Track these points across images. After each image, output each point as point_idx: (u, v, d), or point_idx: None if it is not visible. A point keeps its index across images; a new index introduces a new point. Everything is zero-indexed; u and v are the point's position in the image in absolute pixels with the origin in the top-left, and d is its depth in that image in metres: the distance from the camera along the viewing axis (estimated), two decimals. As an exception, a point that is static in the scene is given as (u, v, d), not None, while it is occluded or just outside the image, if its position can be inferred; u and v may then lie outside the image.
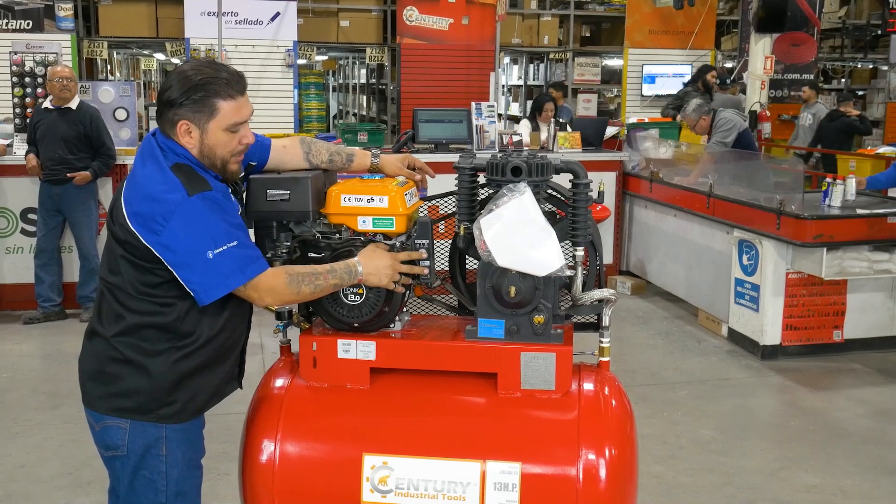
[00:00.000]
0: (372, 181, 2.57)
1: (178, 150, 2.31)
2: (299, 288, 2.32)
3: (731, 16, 13.67)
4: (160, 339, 2.32)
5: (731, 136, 7.59)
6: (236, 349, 2.51)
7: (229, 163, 2.35)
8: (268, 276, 2.29)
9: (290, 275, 2.32)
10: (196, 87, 2.26)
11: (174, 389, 2.34)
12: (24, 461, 4.34)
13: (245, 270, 2.25)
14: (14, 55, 7.44)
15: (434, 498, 2.39)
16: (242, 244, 2.26)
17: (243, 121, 2.33)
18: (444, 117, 7.52)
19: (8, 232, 6.87)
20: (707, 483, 4.17)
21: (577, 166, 2.53)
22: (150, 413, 2.35)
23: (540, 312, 2.44)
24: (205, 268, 2.22)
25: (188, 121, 2.28)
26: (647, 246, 7.80)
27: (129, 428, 2.36)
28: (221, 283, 2.24)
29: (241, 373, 2.60)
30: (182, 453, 2.41)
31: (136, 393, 2.33)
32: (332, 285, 2.37)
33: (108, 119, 6.87)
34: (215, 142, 2.30)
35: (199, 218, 2.21)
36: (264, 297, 2.31)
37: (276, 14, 10.04)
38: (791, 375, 5.67)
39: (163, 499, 2.41)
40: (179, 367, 2.33)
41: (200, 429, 2.51)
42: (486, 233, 2.37)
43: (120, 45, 12.65)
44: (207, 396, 2.44)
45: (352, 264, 2.39)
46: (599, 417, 2.45)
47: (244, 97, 2.34)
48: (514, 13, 11.96)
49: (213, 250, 2.21)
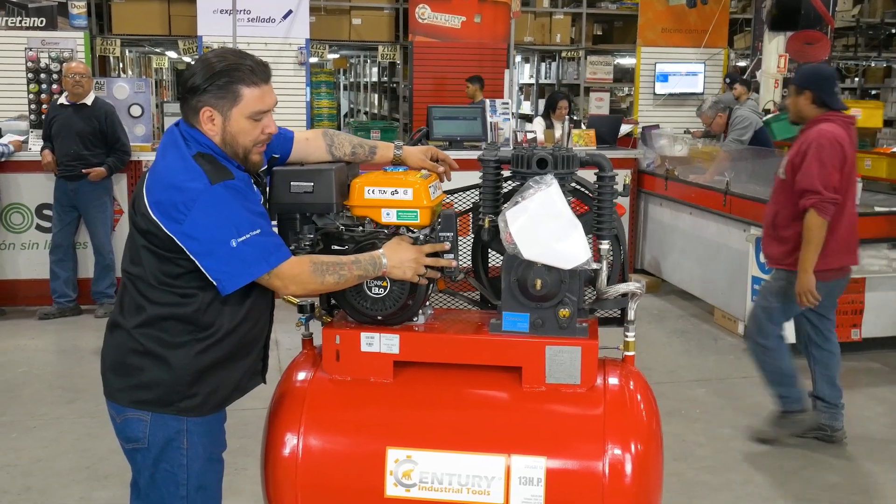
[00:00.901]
0: (396, 173, 2.56)
1: (201, 139, 2.30)
2: (324, 277, 2.30)
3: (744, 14, 13.60)
4: (181, 331, 2.31)
5: (747, 133, 7.55)
6: (259, 343, 2.49)
7: (251, 152, 2.34)
8: (292, 264, 2.28)
9: (314, 263, 2.31)
10: (220, 73, 2.25)
11: (195, 382, 2.33)
12: (41, 455, 4.34)
13: (269, 259, 2.24)
14: (29, 51, 7.46)
15: (458, 492, 2.37)
16: (265, 233, 2.25)
17: (266, 109, 2.32)
18: (459, 114, 7.51)
19: (23, 228, 6.89)
20: (727, 481, 4.15)
21: (603, 159, 2.51)
22: (171, 405, 2.33)
23: (565, 306, 2.42)
24: (228, 256, 2.20)
25: (211, 107, 2.27)
26: (662, 244, 7.77)
27: (150, 420, 2.35)
28: (245, 272, 2.23)
29: (264, 367, 2.58)
30: (203, 447, 2.40)
31: (156, 385, 2.32)
32: (356, 276, 2.36)
33: (122, 115, 6.87)
34: (238, 129, 2.29)
35: (221, 206, 2.20)
36: (288, 286, 2.29)
37: (288, 12, 10.03)
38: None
39: (184, 492, 2.40)
40: (201, 360, 2.32)
41: (222, 423, 2.50)
42: (511, 225, 2.35)
43: (132, 43, 12.67)
44: (229, 390, 2.42)
45: (377, 256, 2.37)
46: (625, 412, 2.43)
47: (268, 86, 2.33)
48: (527, 11, 11.92)
49: (237, 238, 2.20)
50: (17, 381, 5.40)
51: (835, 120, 4.19)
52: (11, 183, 6.79)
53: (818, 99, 4.21)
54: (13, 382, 5.36)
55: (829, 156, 4.08)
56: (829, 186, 4.07)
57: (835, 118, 4.20)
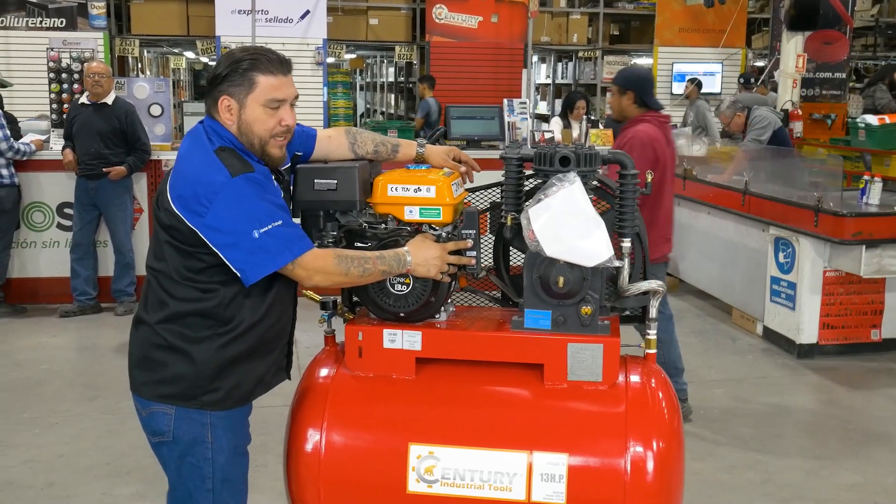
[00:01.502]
0: (418, 171, 2.57)
1: (223, 132, 2.33)
2: (348, 269, 2.31)
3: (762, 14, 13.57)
4: (203, 326, 2.33)
5: (766, 133, 7.53)
6: (282, 339, 2.51)
7: (268, 144, 2.34)
8: (316, 255, 2.29)
9: (338, 256, 2.32)
10: (239, 61, 2.30)
11: (217, 376, 2.35)
12: (63, 451, 4.38)
13: (292, 248, 2.25)
14: (51, 51, 7.52)
15: (480, 488, 2.38)
16: (287, 223, 2.26)
17: (282, 98, 2.33)
18: (476, 114, 7.51)
19: (44, 226, 6.94)
20: (746, 480, 4.14)
21: (625, 157, 2.52)
22: (195, 399, 2.35)
23: (587, 303, 2.43)
24: (251, 247, 2.22)
25: (228, 95, 2.31)
26: (680, 244, 7.72)
27: (174, 414, 2.37)
28: (269, 262, 2.24)
29: (289, 364, 2.60)
30: (227, 441, 2.42)
31: (179, 379, 2.34)
32: (380, 271, 2.37)
33: (142, 115, 6.91)
34: (252, 118, 2.31)
35: (242, 198, 2.22)
36: (313, 277, 2.30)
37: (306, 12, 10.08)
38: (828, 374, 5.60)
39: (209, 485, 2.41)
40: (222, 354, 2.34)
41: (246, 416, 2.51)
42: (534, 222, 2.36)
43: (151, 44, 12.75)
44: (252, 385, 2.43)
45: (401, 253, 2.38)
46: (647, 410, 2.43)
47: (287, 78, 2.35)
48: (544, 11, 11.93)
49: (259, 230, 2.21)
50: (38, 378, 5.44)
51: (651, 120, 4.52)
52: (33, 182, 6.84)
53: (639, 99, 4.52)
54: (35, 379, 5.41)
55: (639, 155, 4.29)
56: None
57: (651, 118, 4.53)
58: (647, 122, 4.48)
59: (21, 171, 6.69)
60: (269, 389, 2.52)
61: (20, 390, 5.23)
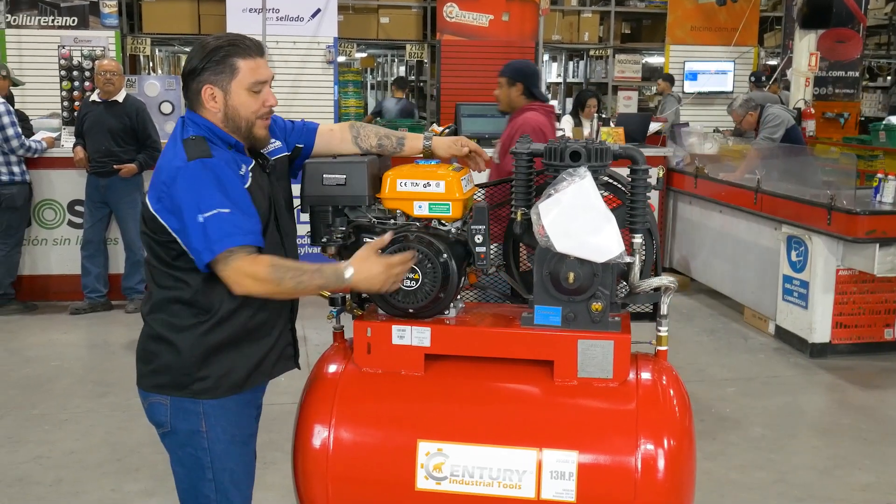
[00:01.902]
0: (428, 166, 2.55)
1: (198, 120, 2.34)
2: (281, 279, 2.24)
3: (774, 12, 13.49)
4: (187, 314, 2.34)
5: (778, 132, 7.48)
6: (276, 325, 2.47)
7: (255, 126, 2.36)
8: (251, 260, 2.23)
9: (273, 265, 2.25)
10: (215, 50, 2.31)
11: (204, 364, 2.35)
12: (72, 448, 4.38)
13: (233, 237, 2.21)
14: (62, 49, 7.53)
15: (489, 485, 2.36)
16: (235, 214, 2.23)
17: (263, 80, 2.35)
18: (487, 112, 7.48)
19: (55, 224, 6.96)
20: (758, 480, 4.11)
21: (636, 152, 2.49)
22: (185, 388, 2.36)
23: (598, 300, 2.40)
24: (196, 231, 2.22)
25: (211, 84, 2.31)
26: (692, 242, 7.71)
27: (169, 405, 2.39)
28: (208, 248, 2.22)
29: (296, 353, 2.58)
30: (223, 429, 2.41)
31: (169, 369, 2.37)
32: (316, 286, 2.30)
33: (153, 112, 6.93)
34: (239, 102, 2.32)
35: (193, 181, 2.23)
36: (243, 281, 2.23)
37: (316, 11, 10.07)
38: (841, 374, 5.56)
39: (210, 475, 2.42)
40: (205, 341, 2.34)
41: (245, 405, 2.47)
42: (544, 217, 2.34)
43: (162, 42, 12.77)
44: (245, 372, 2.41)
45: (340, 269, 2.29)
46: (658, 407, 2.41)
47: (263, 59, 2.36)
48: (555, 10, 11.88)
49: (203, 214, 2.20)
50: (48, 374, 5.45)
51: (538, 109, 4.66)
52: (44, 179, 6.86)
53: (527, 91, 4.68)
54: (45, 376, 5.42)
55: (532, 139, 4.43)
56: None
57: (538, 108, 4.67)
58: (534, 111, 4.63)
59: (32, 168, 6.71)
60: (270, 378, 2.51)
61: (31, 387, 5.24)
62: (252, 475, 2.54)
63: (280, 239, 2.45)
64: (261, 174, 2.42)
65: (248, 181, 2.34)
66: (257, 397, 2.54)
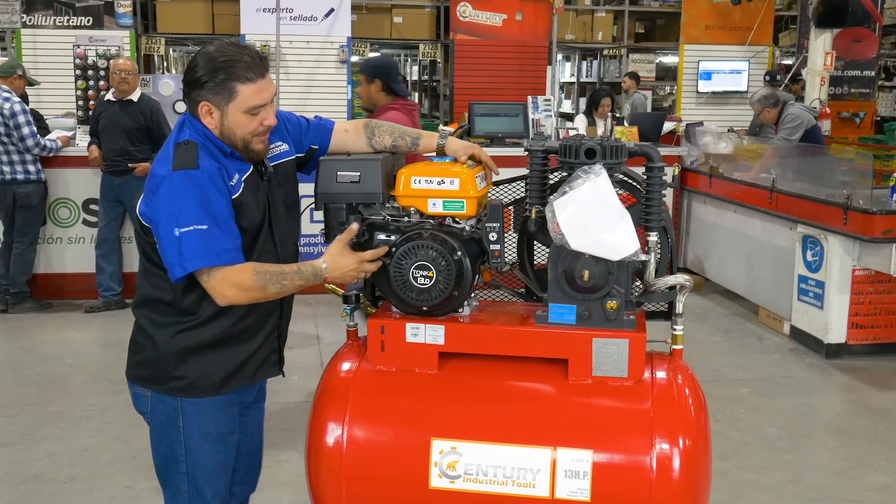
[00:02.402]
0: (442, 163, 2.54)
1: (197, 125, 2.36)
2: (265, 285, 2.30)
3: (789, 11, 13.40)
4: (168, 312, 2.40)
5: (797, 133, 7.46)
6: (261, 331, 2.49)
7: (251, 143, 2.37)
8: (235, 270, 2.27)
9: (257, 273, 2.30)
10: (217, 69, 2.29)
11: (179, 363, 2.40)
12: (86, 445, 4.40)
13: (206, 257, 2.23)
14: (77, 48, 7.57)
15: (503, 484, 2.35)
16: (212, 231, 2.23)
17: (263, 103, 2.34)
18: (500, 111, 7.47)
19: (70, 222, 6.99)
20: (773, 481, 4.08)
21: (652, 150, 2.48)
22: (163, 384, 2.43)
23: (613, 298, 2.39)
24: (171, 244, 2.25)
25: (209, 102, 2.32)
26: (706, 242, 7.68)
27: (150, 397, 2.47)
28: (181, 264, 2.24)
29: (280, 360, 2.60)
30: (198, 427, 2.46)
31: (148, 363, 2.44)
32: (297, 286, 2.38)
33: (167, 111, 6.94)
34: (234, 123, 2.33)
35: (174, 194, 2.25)
36: (227, 291, 2.27)
37: (330, 10, 10.07)
38: (857, 374, 5.52)
39: (183, 468, 2.49)
40: (180, 342, 2.39)
41: (225, 405, 2.49)
42: (559, 215, 2.33)
43: (176, 42, 12.81)
44: (223, 375, 2.43)
45: (318, 267, 2.38)
46: (673, 406, 2.39)
47: (265, 80, 2.35)
48: (569, 9, 11.85)
49: (179, 228, 2.22)
50: (63, 372, 5.48)
51: (399, 108, 4.61)
52: (59, 178, 6.89)
53: (387, 87, 4.64)
54: (60, 374, 5.44)
55: None
56: None
57: (400, 106, 4.63)
58: (395, 110, 4.57)
59: (47, 167, 6.74)
60: (251, 383, 2.53)
61: (45, 384, 5.26)
62: (228, 471, 2.56)
63: (274, 247, 2.46)
64: (258, 181, 2.42)
65: (238, 191, 2.34)
66: (241, 396, 2.55)
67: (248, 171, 2.39)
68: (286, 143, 2.56)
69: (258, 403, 2.71)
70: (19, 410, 4.86)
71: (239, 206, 2.33)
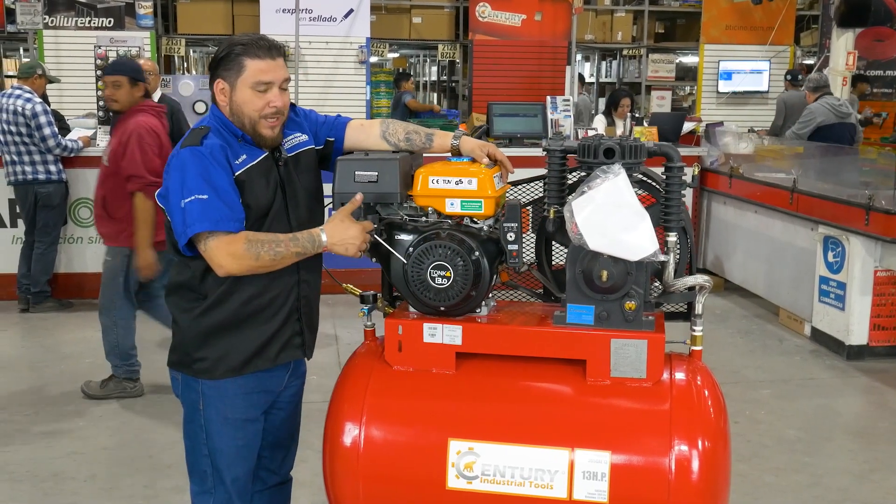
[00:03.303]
0: (460, 163, 2.54)
1: (214, 111, 2.49)
2: (258, 253, 2.35)
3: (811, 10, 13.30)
4: (189, 297, 2.49)
5: (807, 128, 7.42)
6: (277, 313, 2.52)
7: (258, 125, 2.43)
8: (228, 239, 2.33)
9: (249, 241, 2.35)
10: (234, 47, 2.42)
11: (202, 345, 2.48)
12: (106, 444, 4.42)
13: (203, 222, 2.31)
14: (98, 49, 7.62)
15: (521, 485, 2.34)
16: (212, 201, 2.32)
17: (270, 81, 2.42)
18: (519, 111, 7.47)
19: (91, 222, 6.98)
20: (793, 483, 4.05)
21: (671, 149, 2.46)
22: (188, 367, 2.52)
23: (631, 298, 2.38)
24: (178, 215, 2.35)
25: (222, 79, 2.44)
26: (726, 243, 7.63)
27: (180, 380, 2.57)
28: (184, 231, 2.34)
29: (304, 343, 2.61)
30: (217, 410, 2.51)
31: (176, 347, 2.55)
32: (293, 253, 2.40)
33: (187, 112, 6.97)
34: (242, 99, 2.41)
35: (181, 168, 2.37)
36: (223, 260, 2.34)
37: (349, 11, 10.08)
38: (879, 376, 5.47)
39: (205, 451, 2.55)
40: (201, 323, 2.47)
41: (248, 391, 2.53)
42: (578, 215, 2.31)
43: (197, 43, 12.88)
44: (243, 356, 2.48)
45: (315, 234, 2.41)
46: (692, 408, 2.38)
47: (276, 62, 2.44)
48: (588, 9, 11.82)
49: (184, 199, 2.33)
50: (83, 371, 5.49)
51: (148, 111, 4.76)
52: (80, 178, 6.92)
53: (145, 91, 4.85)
54: (80, 373, 5.46)
55: (148, 144, 4.64)
56: (152, 171, 4.56)
57: (148, 109, 4.78)
58: (145, 113, 4.73)
59: (68, 167, 6.78)
60: (273, 364, 2.55)
61: (66, 383, 5.30)
62: (248, 458, 2.59)
63: (290, 229, 2.48)
64: (270, 165, 2.48)
65: (242, 169, 2.42)
66: (266, 384, 2.57)
67: (261, 155, 2.46)
68: (305, 135, 2.62)
69: (294, 382, 2.71)
70: (39, 409, 4.90)
71: (242, 184, 2.41)
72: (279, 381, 2.62)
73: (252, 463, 2.62)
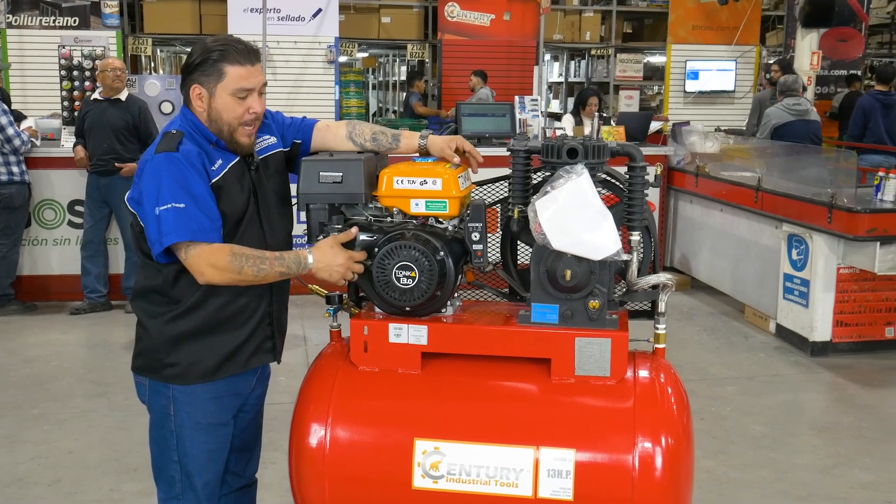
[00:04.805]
0: (425, 163, 2.54)
1: (187, 114, 2.43)
2: (241, 267, 2.32)
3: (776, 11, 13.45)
4: (159, 302, 2.45)
5: (765, 132, 7.59)
6: (250, 318, 2.51)
7: (236, 132, 2.40)
8: (211, 249, 2.31)
9: (233, 254, 2.32)
10: (210, 52, 2.37)
11: (172, 351, 2.44)
12: (71, 447, 4.38)
13: (180, 233, 2.28)
14: (63, 49, 7.54)
15: (486, 484, 2.35)
16: (189, 209, 2.28)
17: (250, 87, 2.39)
18: (488, 111, 7.48)
19: (55, 224, 6.95)
20: (758, 478, 4.09)
21: (634, 149, 2.48)
22: (157, 372, 2.48)
23: (595, 297, 2.39)
24: (152, 222, 2.31)
25: (199, 84, 2.39)
26: (692, 241, 7.70)
27: (148, 385, 2.52)
28: (158, 240, 2.30)
29: (275, 347, 2.61)
30: (187, 415, 2.49)
31: (143, 352, 2.50)
32: (277, 272, 2.37)
33: (153, 112, 6.91)
34: (221, 106, 2.38)
35: (156, 174, 2.32)
36: (205, 271, 2.31)
37: (317, 10, 10.05)
38: (842, 372, 5.55)
39: (175, 457, 2.52)
40: (171, 329, 2.44)
41: (219, 395, 2.52)
42: (541, 215, 2.33)
43: (163, 42, 12.78)
44: (215, 361, 2.47)
45: (302, 255, 2.39)
46: (656, 405, 2.40)
47: (255, 68, 2.41)
48: (556, 9, 11.87)
49: (159, 206, 2.29)
50: (48, 374, 5.45)
51: None
52: (43, 179, 6.85)
53: None
54: (44, 376, 5.41)
55: None
56: None
57: None
58: None
59: (32, 168, 6.70)
60: (244, 369, 2.54)
61: (30, 387, 5.23)
62: (219, 462, 2.58)
63: (262, 234, 2.48)
64: (243, 170, 2.46)
65: (218, 175, 2.39)
66: (236, 387, 2.56)
67: (234, 160, 2.43)
68: (274, 137, 2.60)
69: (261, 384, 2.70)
70: (3, 413, 4.83)
71: (219, 191, 2.38)
72: (248, 385, 2.62)
73: (222, 467, 2.61)
